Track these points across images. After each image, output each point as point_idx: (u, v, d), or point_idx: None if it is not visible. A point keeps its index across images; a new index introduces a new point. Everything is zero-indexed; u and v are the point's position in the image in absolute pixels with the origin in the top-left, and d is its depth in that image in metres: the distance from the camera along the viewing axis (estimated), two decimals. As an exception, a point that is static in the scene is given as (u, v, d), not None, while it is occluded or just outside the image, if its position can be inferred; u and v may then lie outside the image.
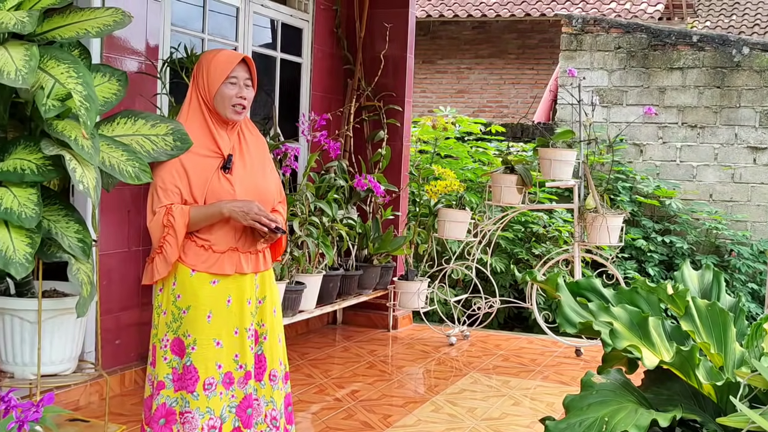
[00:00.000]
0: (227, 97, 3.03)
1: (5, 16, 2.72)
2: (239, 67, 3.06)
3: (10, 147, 2.95)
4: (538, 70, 13.10)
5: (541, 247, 8.01)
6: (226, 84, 3.03)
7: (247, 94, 3.07)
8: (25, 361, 3.06)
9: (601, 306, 2.78)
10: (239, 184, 3.02)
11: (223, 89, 3.02)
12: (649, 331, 2.73)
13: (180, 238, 2.92)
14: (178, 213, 2.92)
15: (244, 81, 3.05)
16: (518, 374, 5.53)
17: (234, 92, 3.03)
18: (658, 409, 2.63)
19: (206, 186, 2.97)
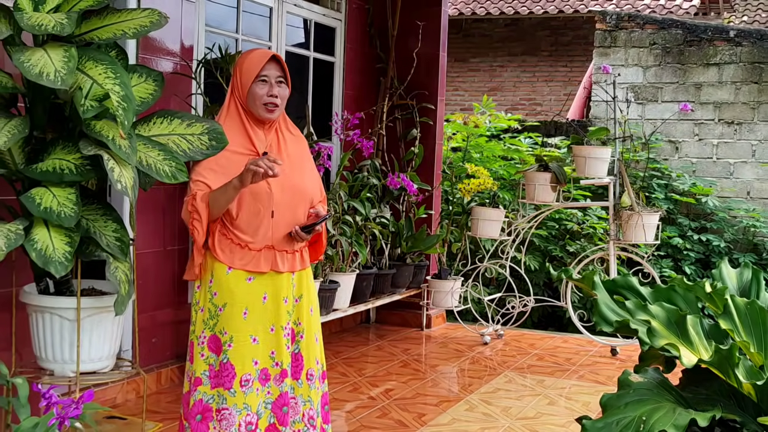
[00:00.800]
0: (258, 96, 3.04)
1: (45, 18, 2.76)
2: (269, 66, 3.06)
3: (49, 147, 2.99)
4: (571, 67, 13.00)
5: (575, 244, 7.95)
6: (256, 83, 3.04)
7: (279, 92, 3.07)
8: (65, 358, 3.10)
9: (638, 304, 2.75)
10: (276, 182, 3.03)
11: (254, 88, 3.04)
12: (687, 330, 2.70)
13: (204, 220, 2.95)
14: (199, 197, 2.95)
15: (275, 79, 3.06)
16: (553, 373, 5.50)
17: (264, 91, 3.04)
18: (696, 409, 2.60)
19: None
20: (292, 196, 3.08)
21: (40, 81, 2.64)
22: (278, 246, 3.04)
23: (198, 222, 2.97)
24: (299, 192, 3.11)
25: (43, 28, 2.71)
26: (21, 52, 2.74)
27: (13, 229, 2.78)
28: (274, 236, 3.02)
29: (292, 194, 3.08)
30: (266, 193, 3.00)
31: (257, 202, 3.02)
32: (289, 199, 3.06)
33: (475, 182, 6.31)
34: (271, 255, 3.04)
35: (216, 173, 3.01)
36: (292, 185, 3.10)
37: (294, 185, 3.11)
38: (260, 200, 3.01)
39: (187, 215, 3.00)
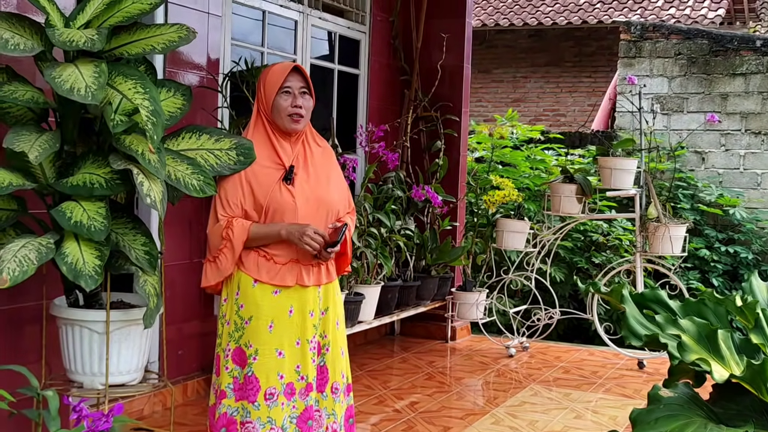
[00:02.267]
0: (282, 107, 3.06)
1: (76, 34, 2.79)
2: (292, 77, 3.08)
3: (79, 162, 3.02)
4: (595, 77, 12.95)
5: (601, 256, 7.90)
6: (280, 95, 3.06)
7: (303, 102, 3.08)
8: (94, 371, 3.12)
9: (668, 318, 2.73)
10: (301, 194, 3.04)
11: (278, 100, 3.06)
12: (719, 344, 2.67)
13: (236, 252, 2.99)
14: (238, 228, 2.97)
15: (298, 90, 3.08)
16: (579, 386, 5.45)
17: (288, 102, 3.06)
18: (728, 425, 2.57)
19: (268, 197, 3.01)
20: (318, 208, 3.09)
21: (71, 96, 2.67)
22: (303, 260, 3.05)
23: (230, 251, 3.00)
24: (324, 204, 3.12)
25: (74, 45, 2.74)
26: (52, 67, 2.77)
27: (44, 242, 2.80)
28: (299, 250, 3.02)
29: (317, 207, 3.09)
30: (291, 208, 3.01)
31: (282, 216, 3.03)
32: (314, 211, 3.07)
33: (500, 194, 6.29)
34: (297, 269, 3.05)
35: (243, 188, 3.03)
36: (318, 198, 3.11)
37: (319, 198, 3.12)
38: (285, 214, 3.02)
39: (217, 238, 3.02)
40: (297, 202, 3.03)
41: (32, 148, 2.78)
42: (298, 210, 3.03)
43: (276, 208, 3.02)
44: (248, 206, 3.02)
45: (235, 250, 3.00)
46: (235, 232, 2.97)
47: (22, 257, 2.68)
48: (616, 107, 9.26)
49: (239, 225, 2.99)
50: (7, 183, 2.82)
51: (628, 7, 13.22)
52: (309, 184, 3.11)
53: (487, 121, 12.18)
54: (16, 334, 3.35)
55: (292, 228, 2.97)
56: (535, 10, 13.30)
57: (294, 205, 3.03)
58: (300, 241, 2.95)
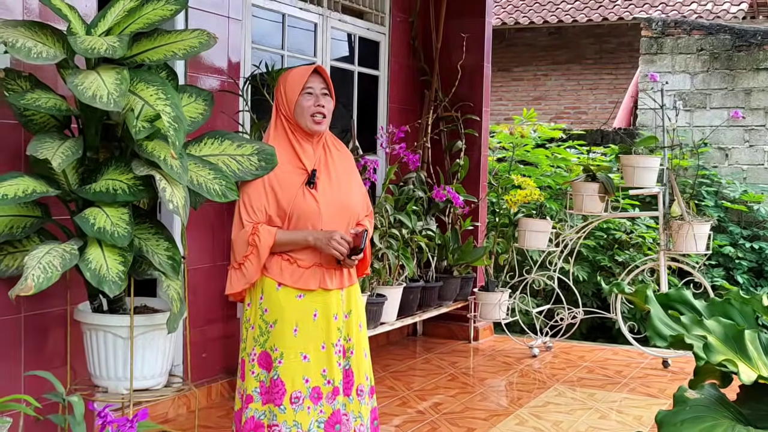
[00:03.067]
0: (305, 108, 3.07)
1: (97, 41, 2.81)
2: (313, 78, 3.09)
3: (102, 168, 3.04)
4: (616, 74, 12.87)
5: (624, 254, 7.84)
6: (303, 96, 3.07)
7: (324, 103, 3.09)
8: (118, 375, 3.14)
9: (694, 319, 2.70)
10: (324, 198, 3.05)
11: (300, 101, 3.07)
12: (746, 345, 2.65)
13: (262, 259, 2.99)
14: (264, 235, 2.97)
15: (320, 91, 3.09)
16: (604, 386, 5.42)
17: (311, 102, 3.07)
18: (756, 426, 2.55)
19: (292, 202, 3.01)
20: (340, 212, 3.10)
21: (93, 104, 2.69)
22: (326, 263, 3.05)
23: (256, 258, 3.00)
24: (346, 208, 3.13)
25: (95, 52, 2.76)
26: (74, 75, 2.79)
27: (68, 249, 2.82)
28: (323, 254, 3.03)
29: (339, 211, 3.09)
30: (314, 212, 3.02)
31: (306, 221, 3.03)
32: (337, 215, 3.08)
33: (521, 193, 6.27)
34: (320, 272, 3.05)
35: (267, 194, 3.03)
36: (339, 202, 3.12)
37: (341, 202, 3.12)
38: (309, 219, 3.03)
39: (242, 245, 3.02)
40: (321, 206, 3.04)
41: (55, 155, 2.80)
42: (322, 215, 3.03)
43: (300, 213, 3.02)
44: (272, 211, 3.03)
45: (261, 256, 3.00)
46: (262, 238, 2.98)
47: (46, 264, 2.71)
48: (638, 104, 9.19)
49: (265, 231, 2.99)
50: (30, 190, 2.84)
51: (649, 3, 13.12)
52: (331, 188, 3.11)
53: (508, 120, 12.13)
54: (42, 339, 3.38)
55: (320, 235, 2.98)
56: (555, 7, 13.23)
57: (318, 210, 3.04)
58: (327, 247, 2.96)
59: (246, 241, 3.01)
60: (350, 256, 3.01)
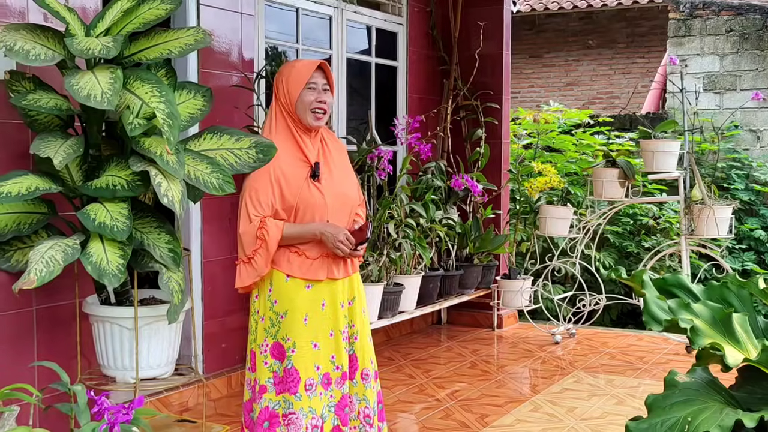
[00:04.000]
0: (307, 102, 3.12)
1: (92, 42, 2.89)
2: (317, 73, 3.15)
3: (104, 164, 3.14)
4: (648, 58, 12.69)
5: (651, 239, 7.78)
6: (305, 90, 3.12)
7: (326, 98, 3.15)
8: (125, 365, 3.24)
9: (680, 303, 2.71)
10: (328, 191, 3.11)
11: (303, 95, 3.12)
12: (734, 328, 2.65)
13: (271, 252, 3.05)
14: (272, 228, 3.03)
15: (322, 86, 3.15)
16: (624, 372, 5.41)
17: (313, 97, 3.12)
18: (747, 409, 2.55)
19: (298, 195, 3.07)
20: (342, 203, 3.17)
21: (88, 103, 2.77)
22: (333, 254, 3.12)
23: (265, 251, 3.05)
24: (346, 199, 3.20)
25: (90, 52, 2.85)
26: (72, 75, 2.88)
27: (71, 243, 2.92)
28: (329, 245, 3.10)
29: (342, 202, 3.16)
30: (321, 205, 3.09)
31: (312, 213, 3.09)
32: (339, 206, 3.15)
33: (541, 180, 6.26)
34: (327, 263, 3.12)
35: (273, 187, 3.09)
36: (341, 193, 3.18)
37: (343, 193, 3.19)
38: (315, 210, 3.09)
39: (251, 239, 3.06)
40: (326, 199, 3.10)
41: (57, 153, 2.90)
42: (328, 207, 3.10)
43: (306, 205, 3.08)
44: (278, 205, 3.08)
45: (270, 250, 3.05)
46: (270, 232, 3.03)
47: (49, 258, 2.81)
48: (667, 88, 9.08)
49: (273, 225, 3.04)
50: (33, 188, 2.94)
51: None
52: (332, 179, 3.17)
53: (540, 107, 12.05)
54: (54, 331, 3.50)
55: (327, 233, 3.05)
56: (585, -9, 13.11)
57: (324, 202, 3.10)
58: (333, 247, 3.05)
59: (254, 235, 3.06)
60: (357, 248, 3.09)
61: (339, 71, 5.84)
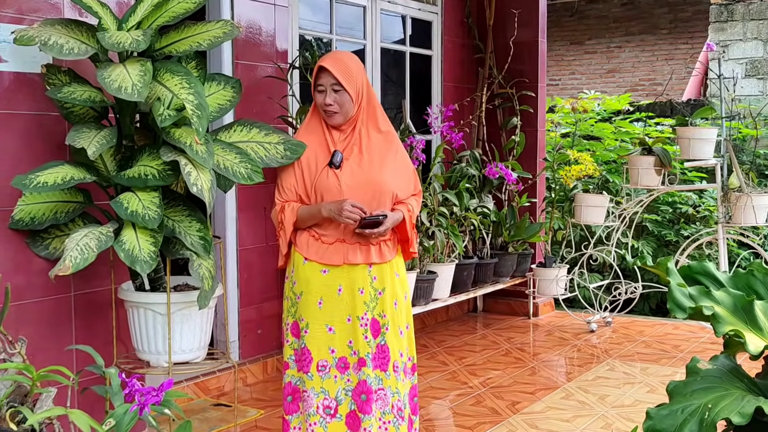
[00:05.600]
0: (318, 104, 3.19)
1: (123, 36, 2.98)
2: (323, 75, 3.16)
3: (137, 155, 3.23)
4: (692, 44, 12.50)
5: (690, 228, 7.70)
6: (315, 92, 3.18)
7: (336, 98, 3.15)
8: (159, 350, 3.34)
9: (702, 290, 2.71)
10: (348, 178, 3.15)
11: (315, 96, 3.19)
12: (756, 315, 2.64)
13: (288, 234, 3.19)
14: (288, 212, 3.18)
15: (330, 87, 3.15)
16: (658, 361, 5.39)
17: (321, 100, 3.17)
18: (769, 397, 2.54)
19: (315, 181, 3.14)
20: (366, 190, 3.17)
21: (119, 95, 2.86)
22: (349, 239, 3.16)
23: (283, 233, 3.21)
24: (374, 185, 3.19)
25: (121, 46, 2.93)
26: (104, 68, 2.97)
27: (104, 231, 3.02)
28: (345, 230, 3.15)
29: (365, 189, 3.17)
30: (336, 189, 3.14)
31: (330, 199, 3.15)
32: (362, 194, 3.16)
33: (577, 168, 6.24)
34: (343, 248, 3.17)
35: (296, 174, 3.18)
36: (368, 180, 3.19)
37: (370, 180, 3.19)
38: (331, 196, 3.14)
39: (275, 222, 3.25)
40: (342, 185, 3.14)
41: (91, 143, 2.99)
42: (343, 193, 3.14)
43: (322, 191, 3.15)
44: (300, 191, 3.19)
45: (287, 232, 3.19)
46: (286, 215, 3.17)
47: (83, 245, 2.91)
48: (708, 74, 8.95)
49: (290, 209, 3.17)
50: (69, 177, 3.05)
51: (727, -32, 12.69)
52: (360, 167, 3.19)
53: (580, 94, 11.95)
54: (91, 316, 3.61)
55: (331, 205, 3.09)
56: (627, -23, 12.96)
57: (339, 188, 3.14)
58: (339, 216, 3.07)
59: (277, 219, 3.19)
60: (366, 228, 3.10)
61: (373, 61, 5.88)
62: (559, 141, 7.51)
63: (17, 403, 2.97)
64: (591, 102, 7.99)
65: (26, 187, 3.02)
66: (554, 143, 7.24)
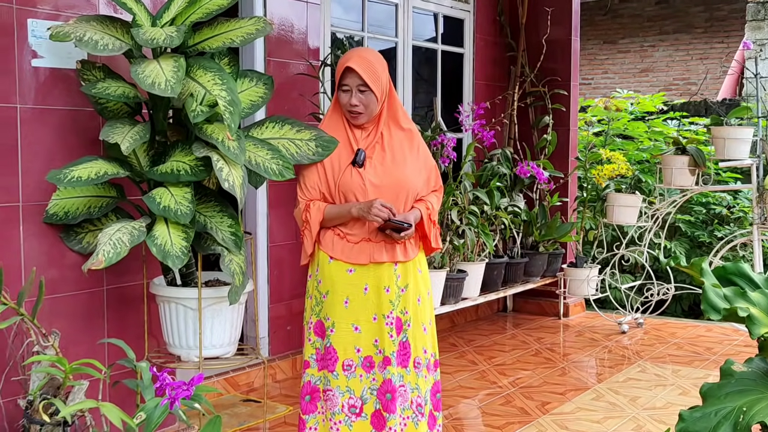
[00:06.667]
0: (343, 104, 3.16)
1: (156, 32, 3.00)
2: (349, 75, 3.12)
3: (169, 150, 3.25)
4: (728, 43, 12.33)
5: (724, 229, 7.60)
6: (340, 91, 3.16)
7: (361, 99, 3.12)
8: (190, 344, 3.36)
9: (737, 291, 2.67)
10: (372, 177, 3.13)
11: (339, 95, 3.17)
12: (792, 318, 2.60)
13: (314, 233, 3.17)
14: (314, 211, 3.15)
15: (356, 87, 3.12)
16: (690, 363, 5.33)
17: (346, 100, 3.14)
18: (808, 401, 2.50)
19: (338, 180, 3.13)
20: (390, 188, 3.16)
21: (152, 90, 2.88)
22: (375, 238, 3.15)
23: (308, 232, 3.18)
24: (397, 183, 3.18)
25: (155, 42, 2.95)
26: (138, 64, 2.99)
27: (137, 226, 3.04)
28: (370, 229, 3.13)
29: (389, 187, 3.16)
30: (361, 189, 3.12)
31: (353, 197, 3.14)
32: (386, 192, 3.15)
33: (609, 167, 6.18)
34: (369, 247, 3.16)
35: (319, 173, 3.17)
36: (393, 179, 3.17)
37: (395, 179, 3.18)
38: (356, 196, 3.13)
39: (299, 221, 3.23)
40: (366, 184, 3.13)
41: (124, 139, 3.02)
42: (368, 192, 3.12)
43: (346, 189, 3.14)
44: (324, 189, 3.16)
45: (313, 231, 3.17)
46: (312, 214, 3.14)
47: (116, 240, 2.93)
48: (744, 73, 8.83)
49: (315, 207, 3.15)
50: (102, 172, 3.07)
51: (764, -34, 12.50)
52: (383, 166, 3.18)
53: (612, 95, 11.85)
54: (123, 310, 3.64)
55: (361, 204, 3.09)
56: (662, -25, 12.82)
57: (363, 187, 3.13)
58: (369, 214, 3.06)
59: (301, 217, 3.17)
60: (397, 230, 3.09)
61: (404, 59, 5.88)
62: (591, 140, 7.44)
63: (50, 395, 3.01)
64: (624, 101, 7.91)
65: (60, 181, 3.05)
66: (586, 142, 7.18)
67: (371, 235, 3.15)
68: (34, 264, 3.27)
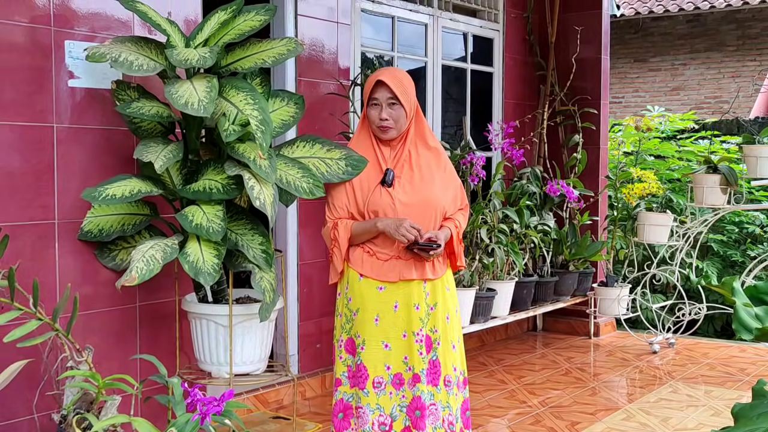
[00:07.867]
0: (372, 119, 3.20)
1: (190, 53, 3.06)
2: (380, 89, 3.17)
3: (202, 169, 3.30)
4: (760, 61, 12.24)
5: (757, 248, 7.52)
6: (370, 106, 3.19)
7: (391, 113, 3.16)
8: (220, 361, 3.39)
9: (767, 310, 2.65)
10: (401, 196, 3.16)
11: (369, 111, 3.20)
12: (826, 338, 2.57)
13: (343, 251, 3.20)
14: (342, 229, 3.18)
15: (386, 101, 3.16)
16: (723, 384, 5.26)
17: (376, 114, 3.17)
18: (841, 422, 2.47)
19: (368, 199, 3.16)
20: (419, 207, 3.19)
21: (185, 110, 2.93)
22: (404, 256, 3.17)
23: (338, 249, 3.21)
24: (426, 203, 3.21)
25: (188, 63, 3.01)
26: (172, 84, 3.05)
27: (170, 243, 3.09)
28: (400, 247, 3.15)
29: (418, 206, 3.19)
30: (390, 208, 3.15)
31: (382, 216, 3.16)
32: (415, 211, 3.18)
33: (639, 186, 6.15)
34: (399, 264, 3.18)
35: (347, 192, 3.21)
36: (420, 197, 3.20)
37: (423, 197, 3.21)
38: (386, 215, 3.16)
39: (327, 240, 3.26)
40: (396, 203, 3.15)
41: (158, 158, 3.07)
42: (397, 210, 3.15)
43: (375, 209, 3.16)
44: (353, 209, 3.20)
45: (342, 249, 3.20)
46: (340, 232, 3.17)
47: (149, 257, 2.98)
48: (777, 91, 8.76)
49: (343, 225, 3.18)
50: (136, 191, 3.13)
51: (797, -16, 12.41)
52: (412, 185, 3.21)
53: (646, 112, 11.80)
54: (156, 327, 3.69)
55: (388, 220, 3.11)
56: (692, -6, 12.77)
57: (393, 206, 3.16)
58: (396, 232, 3.08)
59: (330, 236, 3.20)
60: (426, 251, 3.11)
61: (434, 78, 5.91)
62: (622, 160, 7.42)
63: (83, 410, 3.06)
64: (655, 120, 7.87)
65: (95, 199, 3.11)
66: (616, 161, 7.15)
67: (401, 252, 3.17)
68: (69, 280, 3.33)
